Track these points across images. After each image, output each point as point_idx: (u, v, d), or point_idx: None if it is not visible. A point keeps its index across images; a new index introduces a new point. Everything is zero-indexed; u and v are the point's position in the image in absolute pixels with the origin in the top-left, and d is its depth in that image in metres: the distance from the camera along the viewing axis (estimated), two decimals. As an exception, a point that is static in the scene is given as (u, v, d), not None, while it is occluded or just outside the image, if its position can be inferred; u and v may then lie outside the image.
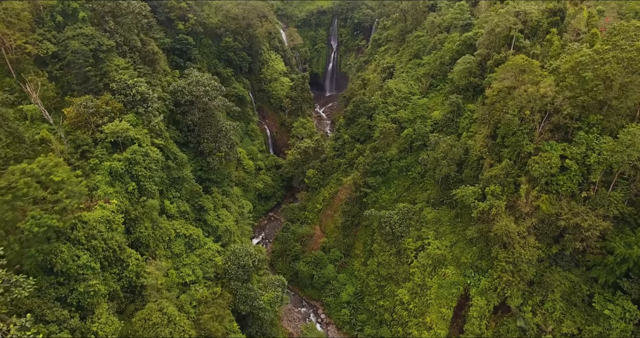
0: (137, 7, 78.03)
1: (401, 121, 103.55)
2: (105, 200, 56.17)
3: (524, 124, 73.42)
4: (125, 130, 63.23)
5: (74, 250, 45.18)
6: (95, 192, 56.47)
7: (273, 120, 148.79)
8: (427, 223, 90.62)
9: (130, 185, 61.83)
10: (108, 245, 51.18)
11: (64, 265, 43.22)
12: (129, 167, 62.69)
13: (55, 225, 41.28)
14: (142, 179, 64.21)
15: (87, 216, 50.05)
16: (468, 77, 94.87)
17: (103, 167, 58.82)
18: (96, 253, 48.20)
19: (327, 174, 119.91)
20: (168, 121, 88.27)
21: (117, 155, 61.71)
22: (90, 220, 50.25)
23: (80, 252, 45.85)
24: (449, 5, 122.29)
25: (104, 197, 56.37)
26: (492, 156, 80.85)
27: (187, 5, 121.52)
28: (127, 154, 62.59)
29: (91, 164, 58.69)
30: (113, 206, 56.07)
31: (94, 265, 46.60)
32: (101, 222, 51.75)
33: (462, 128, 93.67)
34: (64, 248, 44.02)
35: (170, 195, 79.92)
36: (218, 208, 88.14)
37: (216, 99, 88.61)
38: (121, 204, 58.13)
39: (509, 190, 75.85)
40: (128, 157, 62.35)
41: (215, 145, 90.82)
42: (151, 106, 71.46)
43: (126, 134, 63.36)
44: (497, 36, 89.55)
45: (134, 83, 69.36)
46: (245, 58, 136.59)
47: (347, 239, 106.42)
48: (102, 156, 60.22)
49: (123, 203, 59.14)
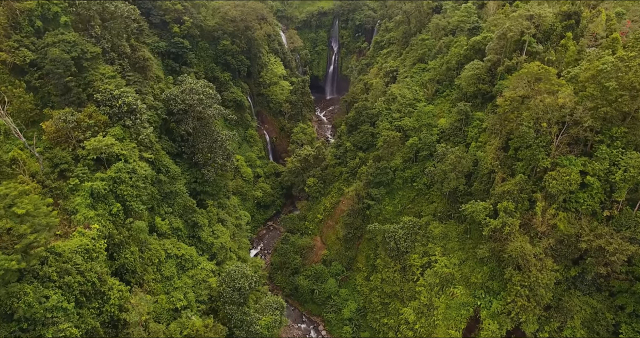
0: (125, 10, 71.94)
1: (406, 129, 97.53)
2: (85, 225, 50.30)
3: (539, 137, 67.40)
4: (110, 145, 57.29)
5: (42, 291, 39.36)
6: (74, 216, 50.58)
7: (272, 125, 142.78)
8: (434, 239, 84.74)
9: (115, 206, 55.94)
10: (86, 278, 45.32)
11: (28, 310, 37.36)
12: (114, 187, 56.80)
13: (14, 267, 35.35)
14: (128, 199, 58.32)
15: (61, 247, 44.22)
16: (477, 84, 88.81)
17: (84, 187, 52.88)
18: (70, 290, 42.37)
19: (328, 183, 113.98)
20: (160, 131, 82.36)
21: (100, 174, 55.78)
22: (65, 251, 44.41)
23: (50, 291, 40.05)
24: (454, 7, 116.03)
25: (84, 221, 50.49)
26: (504, 169, 74.89)
27: (183, 8, 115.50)
28: (112, 172, 56.69)
29: (70, 184, 52.72)
30: (94, 232, 50.20)
31: (67, 305, 40.77)
32: (78, 253, 45.90)
33: (470, 137, 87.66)
34: (30, 290, 38.13)
35: (162, 211, 74.05)
36: (213, 224, 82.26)
37: (211, 107, 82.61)
38: (104, 229, 52.24)
39: (523, 207, 69.94)
40: (112, 175, 56.45)
41: (210, 156, 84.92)
42: (139, 118, 65.49)
43: (110, 150, 57.43)
44: (508, 41, 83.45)
45: (120, 93, 63.36)
46: (244, 61, 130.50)
47: (349, 252, 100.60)
48: (83, 175, 54.24)
49: (106, 227, 53.26)
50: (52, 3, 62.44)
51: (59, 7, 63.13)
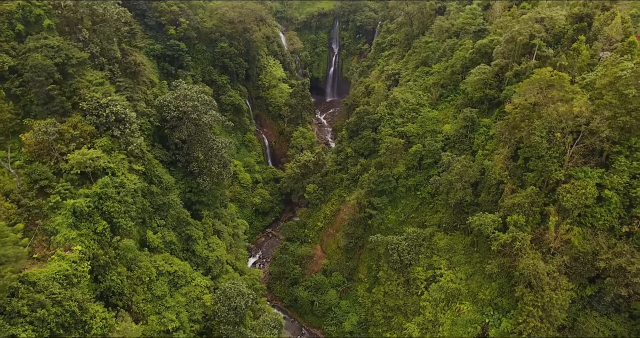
0: (115, 13, 67.31)
1: (409, 135, 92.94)
2: (65, 247, 45.87)
3: (552, 147, 62.88)
4: (95, 159, 52.79)
5: (9, 329, 34.95)
6: (53, 237, 46.12)
7: (271, 129, 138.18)
8: (439, 251, 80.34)
9: (100, 224, 51.47)
10: (64, 308, 40.93)
11: (-9, 354, 33.19)
12: (99, 203, 52.32)
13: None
14: (115, 216, 53.85)
15: (36, 274, 39.80)
16: (483, 89, 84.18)
17: (65, 205, 48.38)
18: (44, 325, 37.94)
19: (328, 190, 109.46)
20: (153, 138, 77.90)
21: (84, 190, 51.27)
22: (40, 278, 39.98)
23: (18, 328, 35.66)
24: (458, 9, 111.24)
25: (65, 243, 46.04)
26: (513, 180, 70.39)
27: (179, 9, 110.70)
28: (97, 187, 52.20)
29: (51, 202, 48.22)
30: (75, 254, 45.77)
31: (39, 342, 36.50)
32: (56, 279, 41.48)
33: (476, 145, 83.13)
34: (-7, 329, 33.94)
35: (154, 224, 69.62)
36: (208, 236, 77.81)
37: (207, 114, 78.05)
38: (87, 250, 47.81)
39: (534, 220, 65.52)
40: (98, 191, 51.97)
41: (206, 165, 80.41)
42: (129, 128, 60.96)
43: (96, 164, 52.91)
44: (517, 45, 78.85)
45: (108, 102, 58.81)
46: (242, 64, 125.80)
47: (350, 262, 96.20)
48: (65, 192, 49.73)
49: (90, 247, 48.81)
50: (35, 5, 57.88)
51: (42, 9, 58.55)
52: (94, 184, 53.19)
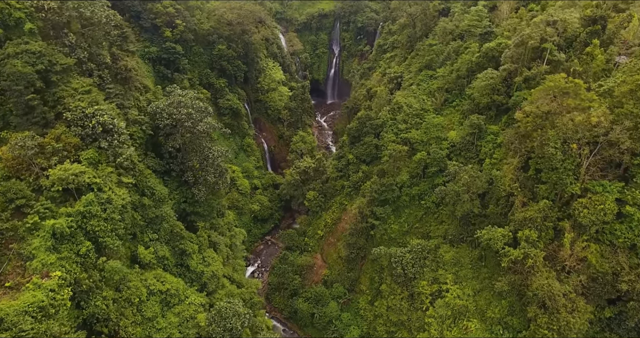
0: (103, 16, 62.70)
1: (413, 142, 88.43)
2: (42, 274, 41.51)
3: (567, 159, 58.40)
4: (78, 174, 48.36)
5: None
6: (29, 263, 41.73)
7: (271, 133, 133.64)
8: (445, 265, 75.92)
9: (84, 245, 47.08)
10: (38, 345, 36.65)
11: None
12: (83, 223, 47.92)
13: None
14: (101, 235, 49.47)
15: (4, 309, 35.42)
16: (490, 95, 79.65)
17: (44, 227, 43.98)
18: (12, 368, 33.85)
19: (329, 197, 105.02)
20: (146, 147, 73.34)
21: (66, 209, 46.84)
22: (9, 313, 35.61)
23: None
24: (463, 10, 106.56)
25: (42, 269, 41.66)
26: (524, 192, 65.91)
27: (175, 11, 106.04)
28: (80, 206, 47.77)
29: (29, 223, 43.82)
30: (54, 281, 41.40)
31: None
32: (29, 313, 37.13)
33: (484, 153, 78.64)
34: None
35: (146, 238, 65.20)
36: (204, 250, 73.41)
37: (202, 121, 73.52)
38: (68, 275, 43.43)
39: (547, 236, 61.12)
40: (81, 210, 47.55)
41: (201, 175, 75.91)
42: (117, 139, 56.45)
43: (79, 180, 48.47)
44: (527, 49, 74.21)
45: (94, 112, 54.30)
46: (240, 67, 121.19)
47: (352, 273, 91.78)
48: (44, 212, 45.33)
49: (72, 272, 44.44)
50: (14, 7, 53.31)
51: (23, 12, 53.97)
52: (78, 201, 48.74)
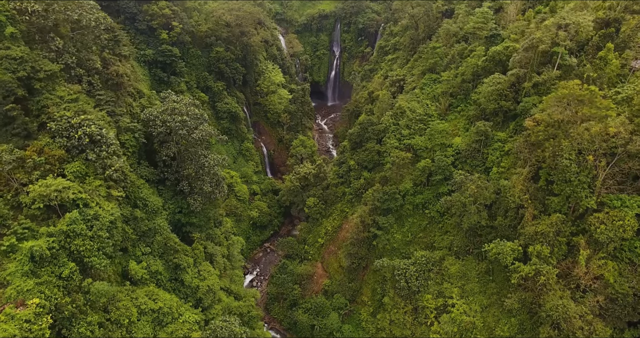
0: (92, 19, 58.83)
1: (417, 148, 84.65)
2: (18, 303, 37.82)
3: (583, 171, 54.60)
4: (62, 190, 44.65)
5: None
6: (2, 290, 38.03)
7: (270, 136, 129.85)
8: (450, 278, 72.29)
9: (67, 267, 43.41)
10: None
11: None
12: (66, 243, 44.22)
13: None
14: (86, 255, 45.75)
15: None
16: (498, 101, 75.82)
17: (22, 249, 40.31)
18: None
19: (329, 204, 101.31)
20: (139, 155, 69.66)
21: (47, 229, 43.13)
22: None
23: None
24: (467, 12, 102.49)
25: (17, 297, 37.98)
26: (535, 204, 62.14)
27: (172, 12, 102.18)
28: (63, 224, 44.05)
29: (4, 245, 40.16)
30: (31, 310, 37.71)
31: None
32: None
33: (490, 161, 74.91)
34: None
35: (138, 252, 61.55)
36: (199, 263, 69.73)
37: (197, 129, 69.77)
38: (48, 302, 39.73)
39: (560, 252, 57.41)
40: (64, 229, 43.84)
41: (197, 184, 72.18)
42: (106, 150, 52.66)
43: (63, 196, 44.76)
44: (536, 53, 70.33)
45: (81, 122, 50.54)
46: (239, 69, 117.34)
47: (353, 284, 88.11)
48: (23, 232, 41.70)
49: (52, 297, 40.77)
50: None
51: (4, 15, 50.12)
52: (61, 219, 45.01)
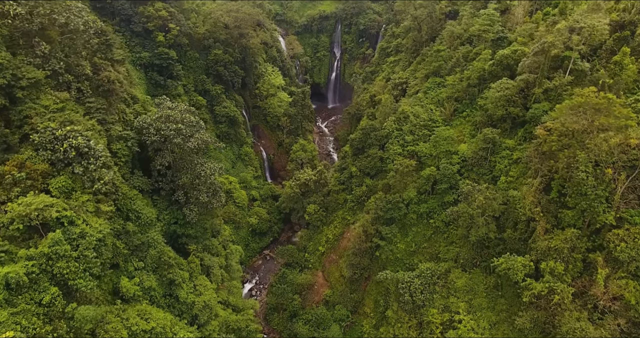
0: (80, 23, 55.10)
1: (421, 155, 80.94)
2: (-10, 336, 34.33)
3: (600, 185, 50.95)
4: (44, 208, 41.03)
5: None
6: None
7: (270, 140, 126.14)
8: (457, 292, 68.67)
9: (48, 293, 39.89)
10: None
11: None
12: (47, 266, 40.62)
13: None
14: (70, 277, 42.15)
15: None
16: (506, 107, 72.11)
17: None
18: None
19: (330, 211, 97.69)
20: (132, 164, 66.06)
21: (26, 251, 39.54)
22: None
23: None
24: (472, 13, 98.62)
25: (-10, 330, 34.52)
26: (547, 218, 58.49)
27: (169, 14, 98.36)
28: (44, 246, 40.43)
29: (-22, 271, 36.76)
30: (6, 344, 34.15)
31: None
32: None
33: (498, 170, 71.25)
34: None
35: (131, 267, 58.09)
36: (195, 277, 66.22)
37: (193, 137, 66.18)
38: (24, 334, 36.13)
39: (575, 269, 53.80)
40: (45, 251, 40.23)
41: (193, 194, 68.58)
42: (94, 163, 49.00)
43: (45, 215, 41.14)
44: (547, 57, 66.56)
45: (66, 133, 46.92)
46: (238, 72, 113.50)
47: (355, 294, 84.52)
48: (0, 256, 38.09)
49: (30, 327, 37.18)
50: (-28, 15, 45.91)
51: (-17, 20, 46.56)
52: (42, 240, 41.40)
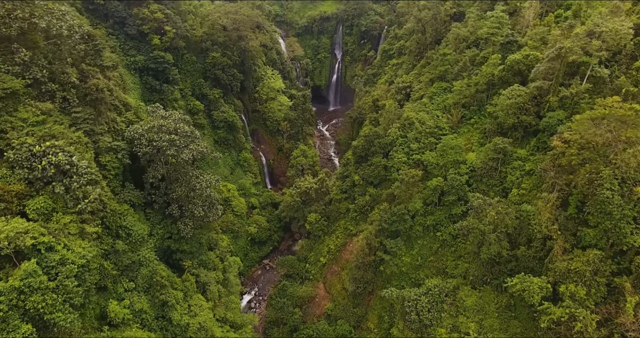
0: (63, 28, 50.28)
1: (427, 164, 76.27)
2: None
3: (627, 204, 46.29)
4: (15, 236, 36.40)
5: None
6: None
7: (269, 145, 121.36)
8: (466, 311, 64.13)
9: (19, 332, 35.24)
10: None
11: None
12: (19, 301, 35.97)
13: None
14: (46, 312, 37.49)
15: None
16: (517, 115, 67.45)
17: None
18: None
19: (332, 220, 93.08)
20: (124, 177, 61.32)
21: (-5, 285, 34.98)
22: None
23: None
24: (479, 16, 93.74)
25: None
26: (565, 236, 53.88)
27: (164, 16, 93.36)
28: (15, 279, 35.81)
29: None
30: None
31: None
32: None
33: (510, 181, 66.67)
34: None
35: (120, 289, 53.51)
36: (190, 296, 61.70)
37: (188, 147, 61.48)
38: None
39: (598, 293, 49.17)
40: (16, 285, 35.61)
41: (187, 208, 63.93)
42: (77, 181, 44.30)
43: (18, 242, 36.50)
44: (562, 63, 61.80)
45: (45, 149, 42.25)
46: (236, 76, 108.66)
47: (358, 309, 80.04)
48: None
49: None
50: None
51: (-47, 26, 41.80)
52: (15, 271, 36.76)
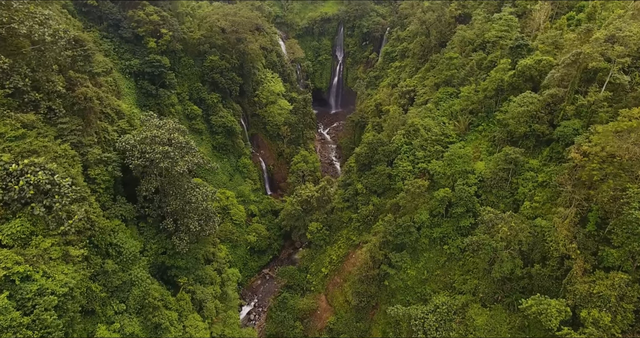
0: (47, 34, 46.02)
1: (433, 173, 72.21)
2: None
3: (655, 225, 42.16)
4: (-14, 268, 32.32)
5: None
6: None
7: (269, 150, 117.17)
8: (476, 330, 60.05)
9: (-11, 376, 31.34)
10: None
11: None
12: (-11, 341, 32.03)
13: None
14: (22, 349, 33.51)
15: None
16: (529, 123, 63.34)
17: None
18: None
19: (334, 230, 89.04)
20: (115, 190, 57.20)
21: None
22: None
23: None
24: (486, 18, 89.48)
25: None
26: (585, 256, 49.80)
27: (161, 18, 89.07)
28: (-16, 317, 31.77)
29: None
30: None
31: None
32: None
33: (521, 193, 62.54)
34: None
35: (110, 312, 49.47)
36: (185, 316, 57.68)
37: (183, 158, 57.32)
38: None
39: (625, 321, 45.11)
40: (-15, 324, 31.58)
41: (183, 222, 59.82)
42: (59, 201, 40.13)
43: (-11, 275, 32.50)
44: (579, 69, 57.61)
45: (23, 168, 38.07)
46: (235, 79, 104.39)
47: (361, 323, 76.03)
48: None
49: None
50: None
51: None
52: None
